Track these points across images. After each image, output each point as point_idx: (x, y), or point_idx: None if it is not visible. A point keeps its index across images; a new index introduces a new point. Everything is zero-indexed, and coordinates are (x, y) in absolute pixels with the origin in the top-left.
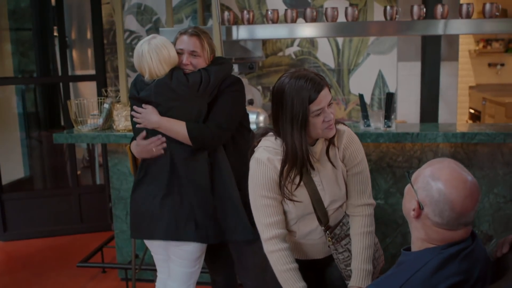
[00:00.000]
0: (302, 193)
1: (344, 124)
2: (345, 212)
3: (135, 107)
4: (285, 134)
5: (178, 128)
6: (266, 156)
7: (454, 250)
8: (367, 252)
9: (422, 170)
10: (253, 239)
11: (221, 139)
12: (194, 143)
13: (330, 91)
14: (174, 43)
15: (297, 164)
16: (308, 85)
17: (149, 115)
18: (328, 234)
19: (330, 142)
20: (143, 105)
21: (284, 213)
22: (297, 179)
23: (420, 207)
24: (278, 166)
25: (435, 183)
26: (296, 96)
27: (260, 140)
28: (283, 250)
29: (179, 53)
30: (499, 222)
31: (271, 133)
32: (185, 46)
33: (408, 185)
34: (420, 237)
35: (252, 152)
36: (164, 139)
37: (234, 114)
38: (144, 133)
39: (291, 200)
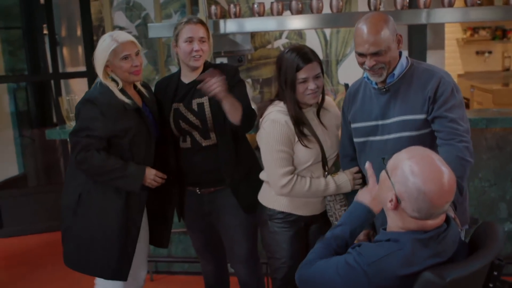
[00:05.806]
0: (313, 144)
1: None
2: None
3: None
4: (282, 94)
5: None
6: (280, 116)
7: (434, 233)
8: None
9: (400, 161)
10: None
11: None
12: None
13: (321, 67)
14: (177, 34)
15: (294, 117)
16: (299, 56)
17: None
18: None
19: (320, 106)
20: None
21: (299, 160)
22: (305, 130)
23: (398, 201)
24: (290, 125)
25: (413, 180)
26: (289, 63)
27: (267, 107)
28: (297, 179)
29: (188, 41)
30: (484, 205)
31: (277, 100)
32: (194, 34)
33: (384, 174)
34: (397, 225)
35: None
36: None
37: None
38: None
39: (306, 146)
